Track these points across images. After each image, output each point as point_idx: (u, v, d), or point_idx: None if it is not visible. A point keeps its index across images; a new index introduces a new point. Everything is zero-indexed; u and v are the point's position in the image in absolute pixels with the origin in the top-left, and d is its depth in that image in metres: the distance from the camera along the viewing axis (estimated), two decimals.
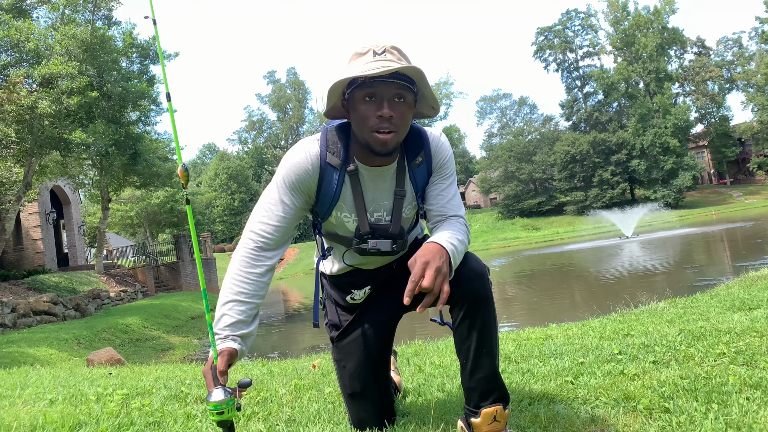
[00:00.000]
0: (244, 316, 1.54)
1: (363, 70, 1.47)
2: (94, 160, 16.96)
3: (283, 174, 1.62)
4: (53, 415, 2.18)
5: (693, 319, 3.55)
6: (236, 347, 1.49)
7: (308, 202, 1.67)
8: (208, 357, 1.47)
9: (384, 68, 1.45)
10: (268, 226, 1.61)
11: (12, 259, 20.13)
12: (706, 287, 7.06)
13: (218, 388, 1.36)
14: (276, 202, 1.62)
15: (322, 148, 1.62)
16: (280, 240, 1.63)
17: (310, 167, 1.61)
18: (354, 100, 1.53)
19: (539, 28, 59.04)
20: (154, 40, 18.36)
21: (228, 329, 1.51)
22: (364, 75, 1.46)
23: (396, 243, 1.67)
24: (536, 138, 59.11)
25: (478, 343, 1.56)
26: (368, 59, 1.51)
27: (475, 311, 1.55)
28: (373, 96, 1.50)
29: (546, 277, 17.39)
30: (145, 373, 3.77)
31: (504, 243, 45.14)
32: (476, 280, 1.56)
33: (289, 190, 1.62)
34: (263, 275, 1.60)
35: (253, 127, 68.59)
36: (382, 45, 1.53)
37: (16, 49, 13.83)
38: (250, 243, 1.61)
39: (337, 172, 1.62)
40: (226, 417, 1.35)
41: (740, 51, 56.80)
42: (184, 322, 15.51)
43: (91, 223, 34.68)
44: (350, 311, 1.84)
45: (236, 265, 1.60)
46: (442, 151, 1.70)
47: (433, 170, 1.70)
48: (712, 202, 51.34)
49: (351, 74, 1.49)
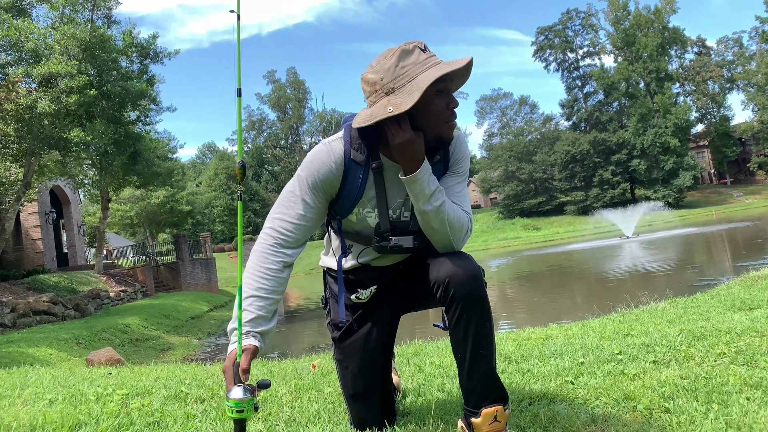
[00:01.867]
0: (264, 311, 1.54)
1: (449, 66, 1.52)
2: (94, 160, 16.95)
3: (306, 173, 1.62)
4: (53, 415, 2.18)
5: (693, 319, 3.54)
6: (257, 344, 1.49)
7: (328, 200, 1.67)
8: (228, 354, 1.45)
9: (461, 63, 1.52)
10: (288, 223, 1.62)
11: (12, 258, 20.14)
12: (707, 287, 7.06)
13: (239, 386, 1.35)
14: (297, 200, 1.63)
15: (346, 146, 1.63)
16: (299, 238, 1.64)
17: (334, 166, 1.61)
18: (428, 96, 1.54)
19: (539, 27, 59.18)
20: (154, 38, 18.47)
21: (248, 325, 1.51)
22: (454, 69, 1.51)
23: (416, 240, 1.67)
24: (536, 138, 59.13)
25: (475, 344, 1.56)
26: (424, 56, 1.55)
27: (470, 312, 1.55)
28: (444, 90, 1.56)
29: (546, 277, 17.39)
30: (144, 373, 3.76)
31: (504, 243, 45.16)
32: (470, 280, 1.55)
33: (311, 189, 1.62)
34: (281, 271, 1.60)
35: (253, 127, 68.58)
36: (414, 42, 1.57)
37: (15, 49, 13.83)
38: (269, 239, 1.62)
39: (361, 169, 1.63)
40: (245, 416, 1.34)
41: (741, 51, 56.83)
42: (184, 322, 15.51)
43: (91, 222, 34.68)
44: (353, 311, 1.84)
45: (255, 261, 1.60)
46: (462, 149, 1.72)
47: (449, 167, 1.72)
48: (713, 201, 51.36)
49: (444, 70, 1.51)
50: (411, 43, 1.57)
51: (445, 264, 1.58)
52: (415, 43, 1.57)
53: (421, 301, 1.77)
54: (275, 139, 69.54)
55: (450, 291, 1.55)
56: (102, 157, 16.13)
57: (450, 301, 1.56)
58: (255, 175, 68.96)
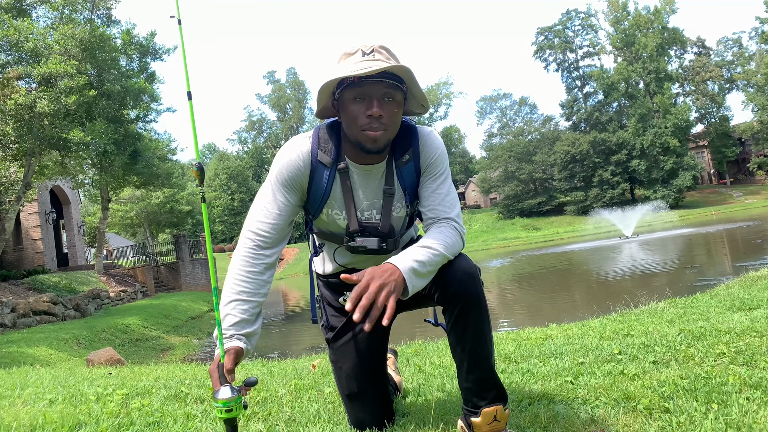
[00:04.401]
0: (247, 315, 1.56)
1: (352, 70, 1.48)
2: (94, 160, 16.96)
3: (276, 172, 1.64)
4: (53, 415, 2.18)
5: (693, 319, 3.55)
6: (242, 346, 1.51)
7: (302, 198, 1.69)
8: (214, 356, 1.48)
9: (372, 68, 1.47)
10: (265, 224, 1.63)
11: (12, 259, 20.13)
12: (706, 287, 7.06)
13: (225, 386, 1.38)
14: (271, 200, 1.64)
15: (313, 146, 1.64)
16: (277, 238, 1.64)
17: (302, 164, 1.63)
18: (344, 100, 1.55)
19: (539, 28, 59.10)
20: (153, 36, 18.47)
21: (233, 328, 1.53)
22: (353, 75, 1.47)
23: (385, 242, 1.67)
24: (536, 138, 59.11)
25: (473, 344, 1.56)
26: (357, 59, 1.52)
27: (467, 312, 1.55)
28: (363, 96, 1.52)
29: (546, 277, 17.38)
30: (144, 373, 3.76)
31: (504, 243, 45.14)
32: (467, 280, 1.55)
33: (282, 187, 1.63)
34: (263, 273, 1.62)
35: (252, 127, 68.65)
36: (370, 44, 1.54)
37: (15, 49, 13.83)
38: (248, 242, 1.63)
39: (327, 170, 1.64)
40: (234, 414, 1.37)
41: (740, 51, 56.81)
42: (184, 322, 15.51)
43: (91, 223, 34.68)
44: (343, 313, 1.84)
45: (236, 265, 1.61)
46: (431, 149, 1.68)
47: (422, 169, 1.69)
48: (712, 202, 51.35)
49: (340, 75, 1.51)
50: (360, 45, 1.55)
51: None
52: (360, 45, 1.55)
53: (414, 302, 1.78)
54: (275, 139, 69.56)
55: (449, 291, 1.55)
56: (102, 156, 16.13)
57: (448, 301, 1.56)
58: (255, 175, 68.97)
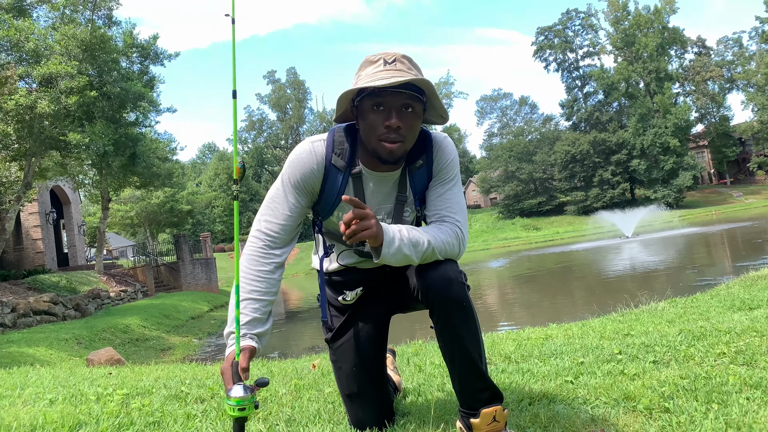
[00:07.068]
0: (259, 313, 1.56)
1: (372, 80, 1.48)
2: (94, 161, 16.97)
3: (288, 172, 1.64)
4: (53, 415, 2.18)
5: (693, 319, 3.54)
6: (255, 345, 1.51)
7: (312, 200, 1.68)
8: (227, 355, 1.48)
9: (393, 79, 1.46)
10: (275, 224, 1.63)
11: (12, 258, 20.13)
12: (707, 287, 7.05)
13: (238, 385, 1.38)
14: (281, 200, 1.64)
15: (327, 149, 1.64)
16: (286, 238, 1.65)
17: (315, 167, 1.62)
18: (363, 109, 1.54)
19: (539, 27, 59.08)
20: (155, 39, 18.47)
21: (245, 327, 1.53)
22: (373, 86, 1.47)
23: None
24: (536, 138, 59.10)
25: (460, 346, 1.56)
26: (378, 68, 1.52)
27: (451, 315, 1.55)
28: (382, 105, 1.51)
29: (546, 277, 17.39)
30: (145, 373, 3.76)
31: (504, 243, 45.14)
32: (447, 285, 1.54)
33: (294, 189, 1.63)
34: (273, 272, 1.62)
35: (253, 127, 68.57)
36: (392, 54, 1.54)
37: (15, 49, 13.83)
38: (257, 242, 1.63)
39: (341, 174, 1.63)
40: (246, 413, 1.38)
41: (740, 51, 56.78)
42: (184, 322, 15.51)
43: (91, 223, 34.71)
44: (342, 312, 1.84)
45: (246, 264, 1.62)
46: (445, 154, 1.69)
47: (433, 174, 1.70)
48: (713, 202, 51.33)
49: (360, 85, 1.51)
50: (383, 54, 1.55)
51: (423, 270, 1.58)
52: (383, 54, 1.54)
53: (410, 304, 1.78)
54: (275, 139, 69.54)
55: (429, 297, 1.56)
56: (101, 158, 16.13)
57: (431, 306, 1.57)
58: (255, 175, 68.94)
